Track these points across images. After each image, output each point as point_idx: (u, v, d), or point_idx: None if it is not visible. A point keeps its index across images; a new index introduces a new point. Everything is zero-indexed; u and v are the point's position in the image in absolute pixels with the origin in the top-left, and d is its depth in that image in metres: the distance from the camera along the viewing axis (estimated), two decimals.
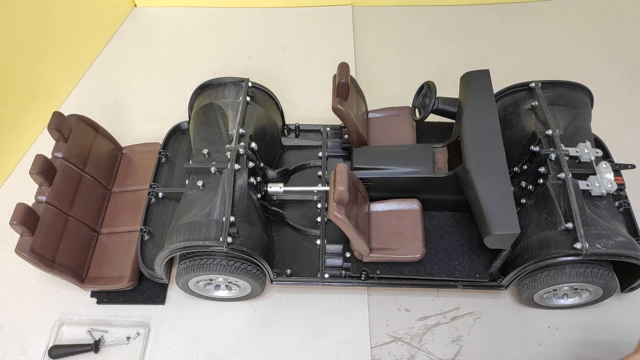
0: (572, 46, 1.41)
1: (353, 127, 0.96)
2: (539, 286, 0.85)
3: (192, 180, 0.92)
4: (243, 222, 0.85)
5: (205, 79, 1.04)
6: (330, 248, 0.95)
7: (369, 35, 1.47)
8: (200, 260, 0.86)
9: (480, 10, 1.51)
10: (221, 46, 1.45)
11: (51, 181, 0.92)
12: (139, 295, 0.98)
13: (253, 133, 0.95)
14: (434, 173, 0.91)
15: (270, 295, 0.99)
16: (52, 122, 0.94)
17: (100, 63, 1.42)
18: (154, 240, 0.98)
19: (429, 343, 0.92)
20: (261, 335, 0.94)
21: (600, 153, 0.88)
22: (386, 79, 1.35)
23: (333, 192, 0.78)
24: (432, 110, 0.94)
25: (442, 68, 1.36)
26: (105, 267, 0.97)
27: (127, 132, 1.24)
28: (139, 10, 1.56)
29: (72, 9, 1.29)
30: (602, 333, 0.92)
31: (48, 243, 0.89)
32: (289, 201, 1.02)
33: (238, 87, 1.01)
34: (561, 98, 0.95)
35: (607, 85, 1.31)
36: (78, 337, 0.94)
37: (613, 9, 1.50)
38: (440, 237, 0.96)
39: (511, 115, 0.97)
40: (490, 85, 0.92)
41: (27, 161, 1.18)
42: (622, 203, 0.93)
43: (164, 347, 0.93)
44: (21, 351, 0.93)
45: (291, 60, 1.41)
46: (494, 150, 0.83)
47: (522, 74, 1.05)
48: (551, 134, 0.88)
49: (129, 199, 1.05)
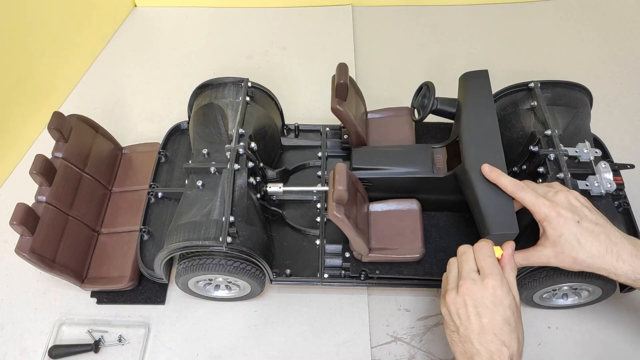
0: (572, 46, 1.41)
1: (352, 128, 0.96)
2: (539, 286, 0.85)
3: (191, 180, 0.92)
4: (243, 222, 0.85)
5: (205, 79, 1.03)
6: (330, 248, 0.95)
7: (369, 35, 1.46)
8: (200, 260, 0.86)
9: (480, 10, 1.51)
10: (221, 46, 1.45)
11: (51, 181, 0.92)
12: (139, 295, 0.98)
13: (253, 133, 0.95)
14: (433, 173, 0.90)
15: (270, 295, 0.99)
16: (52, 122, 0.94)
17: (100, 63, 1.42)
18: (154, 240, 0.98)
19: (429, 343, 0.92)
20: (261, 335, 0.94)
21: (600, 153, 0.87)
22: (386, 79, 1.35)
23: (332, 192, 0.78)
24: (431, 111, 0.94)
25: (441, 68, 1.36)
26: (105, 267, 0.97)
27: (127, 132, 1.24)
28: (139, 10, 1.56)
29: (72, 9, 1.29)
30: (602, 333, 0.92)
31: (48, 243, 0.88)
32: (289, 201, 1.02)
33: (238, 87, 1.00)
34: (560, 98, 0.95)
35: (607, 85, 1.31)
36: (78, 337, 0.94)
37: (613, 9, 1.50)
38: (439, 237, 0.96)
39: (510, 116, 0.97)
40: (489, 85, 0.92)
41: (27, 161, 1.18)
42: (621, 203, 0.93)
43: (164, 347, 0.93)
44: (21, 351, 0.93)
45: (291, 60, 1.41)
46: (493, 150, 0.83)
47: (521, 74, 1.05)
48: (550, 134, 0.88)
49: (129, 199, 1.05)
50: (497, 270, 0.68)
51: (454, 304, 0.68)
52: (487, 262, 0.69)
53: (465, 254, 0.72)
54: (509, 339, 0.64)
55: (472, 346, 0.65)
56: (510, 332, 0.65)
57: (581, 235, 0.68)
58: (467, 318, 0.66)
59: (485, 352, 0.64)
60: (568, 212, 0.69)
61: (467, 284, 0.67)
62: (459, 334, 0.67)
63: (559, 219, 0.69)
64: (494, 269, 0.68)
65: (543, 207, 0.70)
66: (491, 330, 0.64)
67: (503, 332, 0.64)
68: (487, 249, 0.71)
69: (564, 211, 0.69)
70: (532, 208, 0.72)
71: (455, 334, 0.68)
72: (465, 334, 0.66)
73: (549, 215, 0.70)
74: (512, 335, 0.65)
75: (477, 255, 0.71)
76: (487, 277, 0.67)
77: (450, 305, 0.69)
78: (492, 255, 0.70)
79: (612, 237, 0.68)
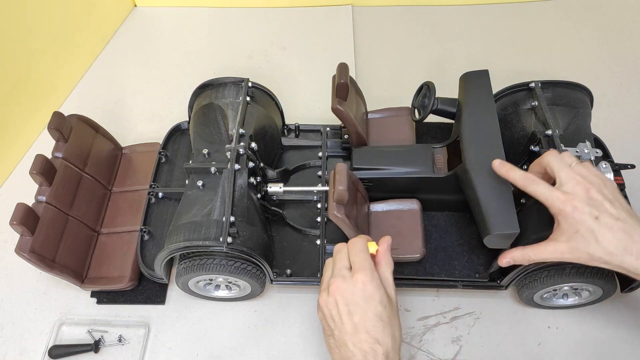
0: (572, 46, 1.41)
1: (352, 128, 0.96)
2: (539, 286, 0.85)
3: (192, 180, 0.92)
4: (243, 222, 0.85)
5: (205, 79, 1.03)
6: (330, 248, 0.94)
7: (369, 35, 1.46)
8: (200, 260, 0.86)
9: (480, 10, 1.51)
10: (221, 46, 1.45)
11: (51, 181, 0.92)
12: (139, 295, 0.98)
13: (253, 133, 0.95)
14: (433, 173, 0.90)
15: (270, 295, 0.99)
16: (52, 122, 0.94)
17: (100, 63, 1.42)
18: (154, 240, 0.98)
19: (429, 343, 0.92)
20: (261, 335, 0.94)
21: (600, 153, 0.87)
22: (386, 79, 1.35)
23: (332, 192, 0.78)
24: (432, 111, 0.94)
25: (441, 68, 1.36)
26: (105, 267, 0.97)
27: (127, 132, 1.24)
28: (139, 10, 1.56)
29: (72, 9, 1.29)
30: (602, 333, 0.92)
31: (48, 243, 0.88)
32: (289, 201, 1.02)
33: (238, 87, 1.00)
34: (561, 98, 0.94)
35: (607, 85, 1.31)
36: (78, 337, 0.94)
37: (613, 9, 1.50)
38: (440, 237, 0.96)
39: (511, 115, 0.97)
40: (490, 85, 0.92)
41: (27, 161, 1.18)
42: None
43: (164, 347, 0.93)
44: (21, 351, 0.93)
45: (291, 60, 1.41)
46: (494, 150, 0.83)
47: (522, 74, 1.04)
48: (551, 134, 0.88)
49: (129, 199, 1.05)
50: (368, 265, 0.65)
51: (327, 305, 0.65)
52: (358, 258, 0.66)
53: (340, 252, 0.69)
54: (382, 335, 0.62)
55: (347, 349, 0.62)
56: (383, 328, 0.62)
57: (599, 233, 0.63)
58: (340, 319, 0.63)
59: (359, 353, 0.61)
60: (586, 206, 0.64)
61: (338, 282, 0.64)
62: (334, 337, 0.64)
63: (575, 214, 0.64)
64: (364, 264, 0.65)
65: (557, 201, 0.66)
66: (364, 328, 0.62)
67: (376, 329, 0.62)
68: (360, 245, 0.68)
69: (581, 205, 0.64)
70: (546, 202, 0.68)
71: (331, 339, 0.65)
72: (340, 336, 0.63)
73: (564, 209, 0.65)
74: (385, 332, 0.62)
75: (350, 251, 0.68)
76: (356, 273, 0.64)
77: (323, 307, 0.66)
78: (364, 250, 0.67)
79: (633, 235, 0.63)
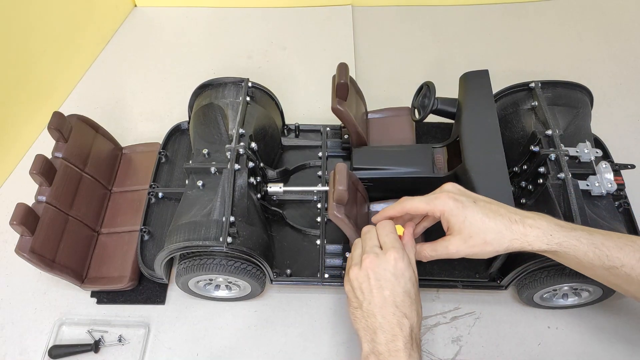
0: (572, 46, 1.41)
1: (352, 128, 0.96)
2: (539, 286, 0.85)
3: (192, 180, 0.92)
4: (243, 222, 0.85)
5: (205, 79, 1.03)
6: (330, 248, 0.95)
7: (369, 35, 1.46)
8: (200, 260, 0.85)
9: (480, 10, 1.51)
10: (221, 46, 1.45)
11: (51, 181, 0.92)
12: (139, 295, 0.98)
13: (253, 133, 0.95)
14: (433, 173, 0.90)
15: (270, 295, 0.99)
16: (52, 122, 0.94)
17: (100, 63, 1.42)
18: (154, 240, 0.98)
19: (429, 343, 0.92)
20: (261, 335, 0.94)
21: (600, 153, 0.87)
22: (386, 79, 1.35)
23: (332, 192, 0.78)
24: (432, 111, 0.94)
25: (442, 68, 1.36)
26: (105, 267, 0.97)
27: (127, 132, 1.24)
28: (139, 10, 1.56)
29: (72, 9, 1.29)
30: (602, 333, 0.92)
31: (48, 243, 0.88)
32: (289, 201, 1.02)
33: (238, 87, 1.00)
34: (561, 98, 0.95)
35: (607, 85, 1.31)
36: (78, 337, 0.94)
37: (613, 9, 1.50)
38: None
39: (511, 115, 0.97)
40: (490, 85, 0.92)
41: (27, 161, 1.18)
42: (622, 203, 0.93)
43: (164, 347, 0.93)
44: (21, 351, 0.93)
45: (291, 60, 1.41)
46: (494, 150, 0.83)
47: (522, 74, 1.05)
48: (551, 134, 0.88)
49: (129, 199, 1.05)
50: (399, 245, 0.70)
51: (357, 278, 0.69)
52: (389, 238, 0.70)
53: (369, 233, 0.74)
54: (410, 310, 0.66)
55: (375, 320, 0.65)
56: (410, 304, 0.66)
57: (483, 213, 0.67)
58: (370, 291, 0.67)
59: (387, 324, 0.65)
60: (462, 196, 0.70)
61: (371, 258, 0.68)
62: (362, 309, 0.68)
63: (457, 204, 0.68)
64: (395, 243, 0.69)
65: (437, 200, 0.70)
66: (393, 302, 0.65)
67: (404, 304, 0.66)
68: (389, 227, 0.73)
69: (458, 196, 0.70)
70: (428, 208, 0.71)
71: (358, 310, 0.68)
72: (369, 308, 0.66)
73: (446, 204, 0.69)
74: (412, 307, 0.66)
75: (380, 232, 0.72)
76: (389, 251, 0.68)
77: (353, 280, 0.69)
78: (393, 232, 0.72)
79: (509, 209, 0.69)
